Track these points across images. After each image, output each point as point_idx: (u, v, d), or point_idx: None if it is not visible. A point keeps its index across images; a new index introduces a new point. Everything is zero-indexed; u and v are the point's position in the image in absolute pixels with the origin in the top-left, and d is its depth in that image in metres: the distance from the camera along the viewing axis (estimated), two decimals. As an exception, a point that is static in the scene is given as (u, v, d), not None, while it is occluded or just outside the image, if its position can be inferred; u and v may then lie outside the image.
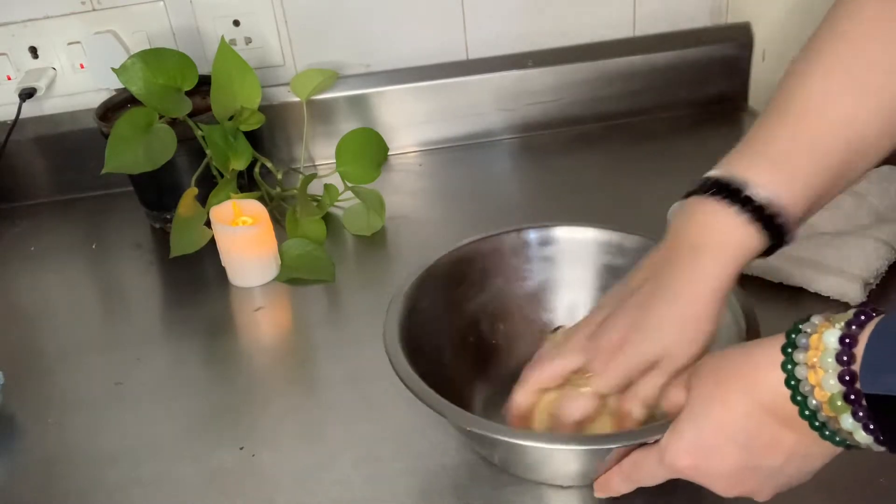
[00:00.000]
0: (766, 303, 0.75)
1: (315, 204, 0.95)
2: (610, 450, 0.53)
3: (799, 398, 0.45)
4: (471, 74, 1.06)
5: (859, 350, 0.42)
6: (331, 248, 0.91)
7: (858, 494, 0.57)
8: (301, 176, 0.96)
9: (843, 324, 0.43)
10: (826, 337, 0.43)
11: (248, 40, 1.06)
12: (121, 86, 0.92)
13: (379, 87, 1.07)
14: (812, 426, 0.45)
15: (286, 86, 1.05)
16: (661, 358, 0.52)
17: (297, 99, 1.04)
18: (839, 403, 0.43)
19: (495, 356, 0.69)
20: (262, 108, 0.94)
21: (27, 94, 1.04)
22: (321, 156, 1.09)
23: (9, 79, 1.06)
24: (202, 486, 0.64)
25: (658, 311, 0.52)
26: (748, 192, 0.50)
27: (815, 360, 0.44)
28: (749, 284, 0.76)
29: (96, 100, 1.02)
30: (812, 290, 0.74)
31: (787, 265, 0.75)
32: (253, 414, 0.71)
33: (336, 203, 0.96)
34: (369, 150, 0.97)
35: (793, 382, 0.45)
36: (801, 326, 0.46)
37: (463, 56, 1.09)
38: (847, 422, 0.43)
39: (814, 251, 0.75)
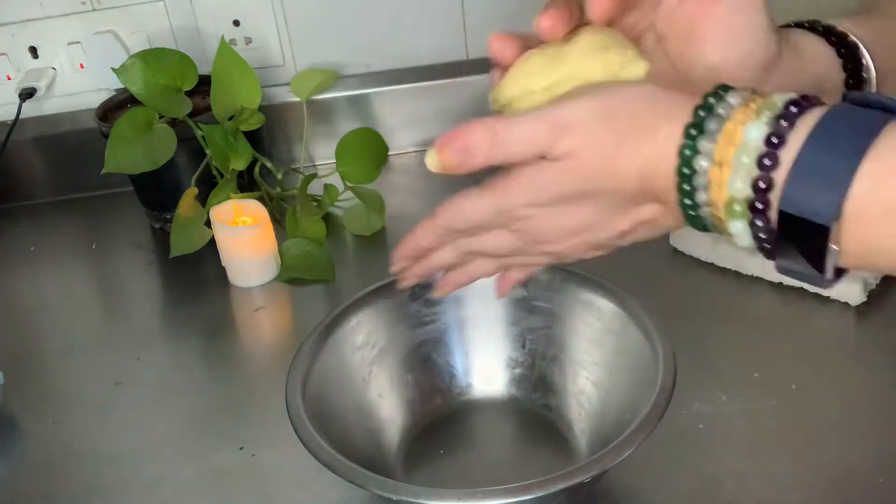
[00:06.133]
0: (765, 304, 0.75)
1: (315, 204, 0.95)
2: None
3: (686, 188, 0.38)
4: (471, 74, 1.06)
5: (787, 154, 0.35)
6: (331, 248, 0.91)
7: (858, 494, 0.57)
8: (301, 176, 0.95)
9: (770, 116, 0.35)
10: (748, 131, 0.36)
11: (248, 40, 1.06)
12: (121, 86, 0.92)
13: (379, 87, 1.07)
14: (687, 217, 0.39)
15: (286, 86, 1.05)
16: None
17: (297, 99, 1.03)
18: (737, 209, 0.36)
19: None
20: (262, 108, 0.94)
21: (27, 94, 1.04)
22: (321, 156, 1.09)
23: (9, 79, 1.06)
24: (202, 486, 0.64)
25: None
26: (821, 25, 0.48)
27: (725, 154, 0.36)
28: (748, 286, 0.76)
29: (96, 100, 1.02)
30: (812, 291, 0.74)
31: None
32: (253, 414, 0.71)
33: (336, 203, 0.96)
34: (369, 150, 0.97)
35: (685, 171, 0.37)
36: (714, 105, 0.37)
37: (463, 56, 1.09)
38: (736, 227, 0.37)
39: (814, 251, 0.75)
